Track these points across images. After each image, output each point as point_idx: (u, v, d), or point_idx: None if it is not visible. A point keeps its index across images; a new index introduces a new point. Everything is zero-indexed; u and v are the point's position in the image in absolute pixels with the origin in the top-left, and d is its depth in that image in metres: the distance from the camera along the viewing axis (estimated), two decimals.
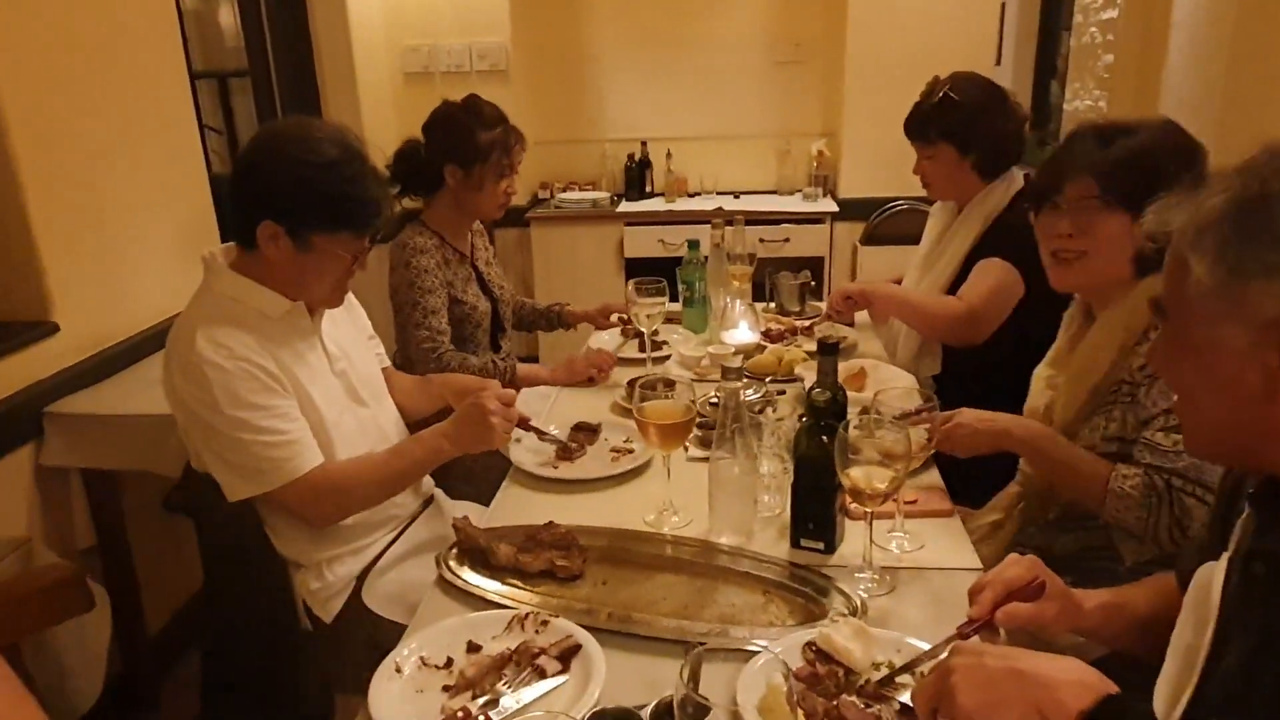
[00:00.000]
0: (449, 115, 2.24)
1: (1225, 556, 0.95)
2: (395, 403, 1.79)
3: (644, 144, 4.46)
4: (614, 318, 2.47)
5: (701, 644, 0.96)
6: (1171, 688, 0.95)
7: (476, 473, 1.92)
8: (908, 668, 1.05)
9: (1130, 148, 1.42)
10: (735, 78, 4.47)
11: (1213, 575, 0.95)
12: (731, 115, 4.51)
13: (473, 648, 1.13)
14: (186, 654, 2.43)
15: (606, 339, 2.41)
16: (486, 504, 1.63)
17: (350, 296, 1.75)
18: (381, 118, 3.98)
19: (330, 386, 1.60)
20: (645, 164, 4.47)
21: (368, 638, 1.51)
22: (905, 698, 1.01)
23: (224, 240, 2.73)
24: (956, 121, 2.16)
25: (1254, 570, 0.88)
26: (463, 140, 2.19)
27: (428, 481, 1.80)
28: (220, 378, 1.40)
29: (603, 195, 4.35)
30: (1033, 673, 0.82)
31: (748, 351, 2.15)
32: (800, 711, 0.94)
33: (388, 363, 1.88)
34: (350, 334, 1.73)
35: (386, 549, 1.65)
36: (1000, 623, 1.04)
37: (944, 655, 0.99)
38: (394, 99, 4.17)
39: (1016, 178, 2.20)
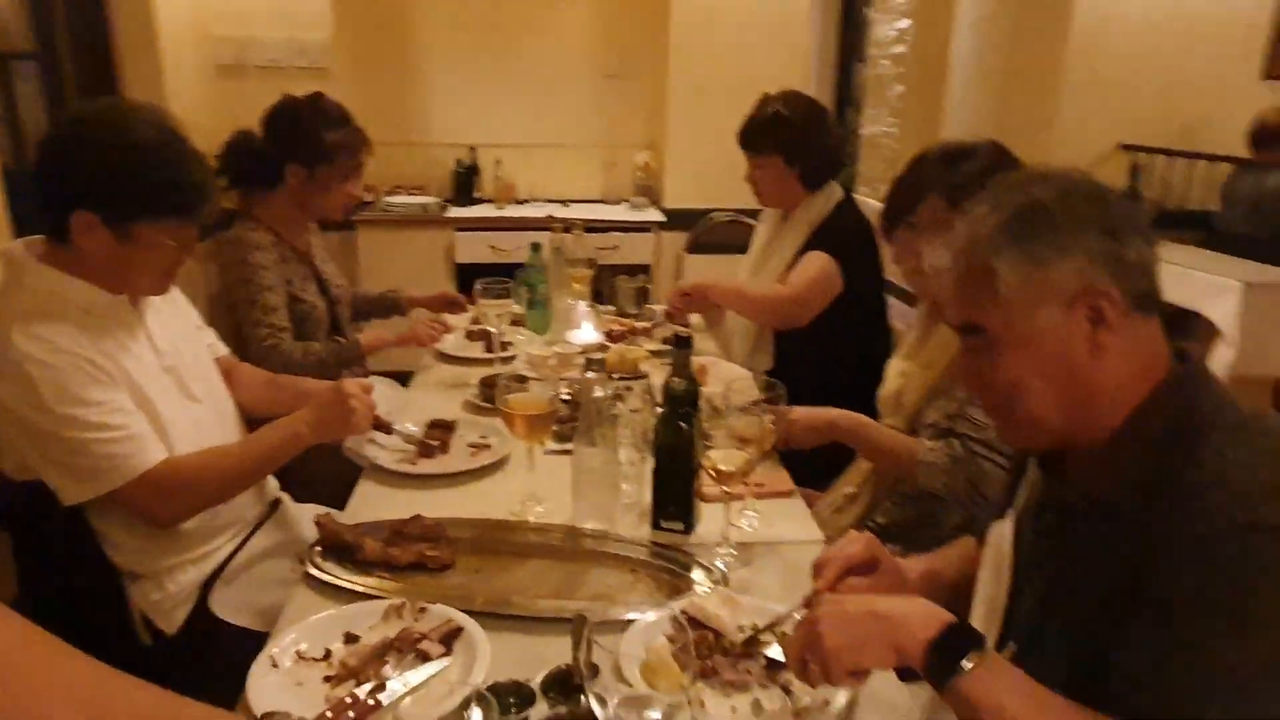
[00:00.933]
0: (293, 112, 2.17)
1: (1011, 514, 1.12)
2: (240, 398, 1.72)
3: (473, 149, 4.45)
4: (451, 320, 2.47)
5: (584, 616, 1.01)
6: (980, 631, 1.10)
7: (317, 478, 1.86)
8: (768, 628, 1.15)
9: (973, 170, 1.61)
10: (564, 88, 4.55)
11: (1003, 531, 1.12)
12: (560, 124, 4.58)
13: (350, 638, 1.13)
14: None
15: (451, 340, 2.39)
16: (335, 506, 1.60)
17: (173, 288, 1.66)
18: (189, 112, 3.73)
19: (161, 382, 1.51)
20: (474, 170, 4.46)
21: (217, 647, 1.45)
22: (770, 652, 1.11)
23: (20, 235, 2.50)
24: (786, 135, 2.34)
25: (1045, 520, 1.04)
26: (307, 139, 2.12)
27: (272, 484, 1.74)
28: (45, 374, 1.30)
29: (432, 200, 4.29)
30: (887, 612, 0.93)
31: (591, 351, 2.22)
32: (684, 665, 1.02)
33: (223, 351, 1.79)
34: (177, 327, 1.63)
35: (232, 555, 1.58)
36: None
37: (800, 615, 1.10)
38: (204, 92, 3.93)
39: (836, 189, 2.41)
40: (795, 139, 2.33)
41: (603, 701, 0.84)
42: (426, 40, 4.45)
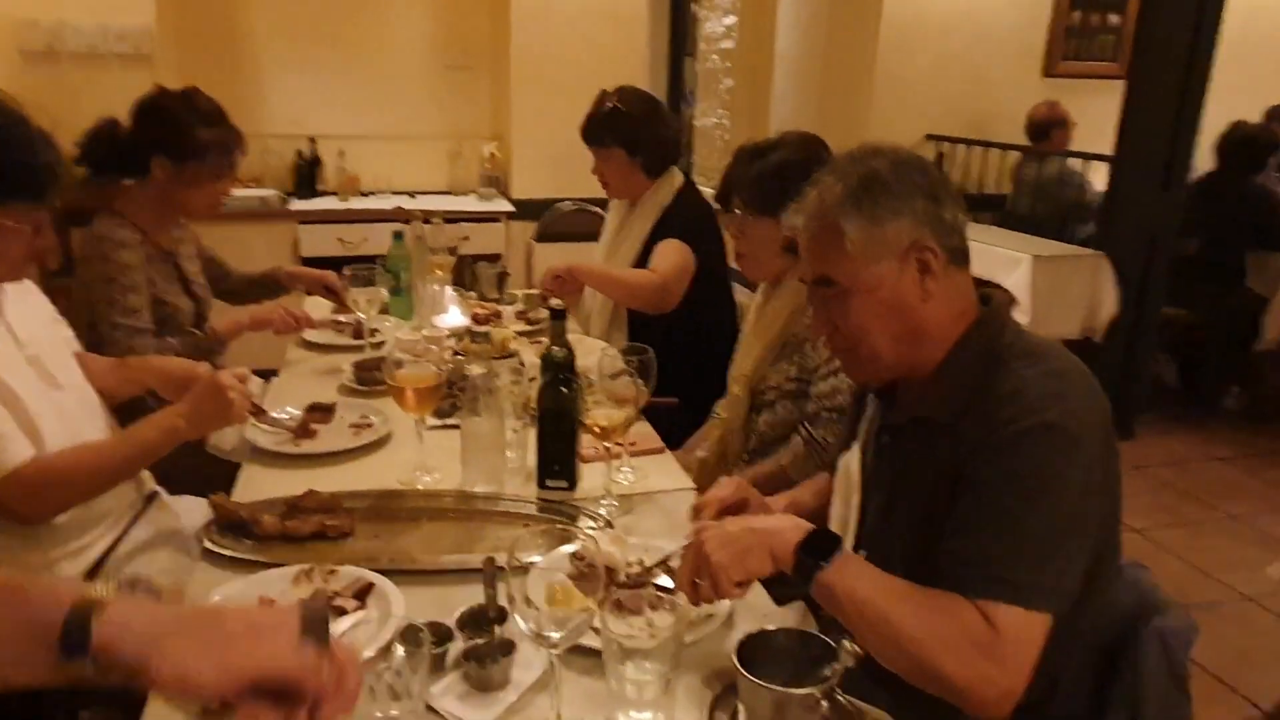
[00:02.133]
0: (163, 106, 2.09)
1: (855, 445, 1.32)
2: (94, 387, 1.68)
3: (313, 141, 4.35)
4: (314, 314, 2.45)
5: (493, 559, 1.11)
6: None
7: (183, 474, 1.83)
8: (659, 564, 1.28)
9: (765, 166, 1.80)
10: (406, 79, 4.52)
11: (850, 461, 1.31)
12: (403, 116, 4.55)
13: (266, 602, 1.18)
14: None
15: (315, 335, 2.39)
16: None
17: (26, 280, 1.61)
18: None
19: (24, 374, 1.47)
20: (315, 161, 4.36)
21: None
22: (661, 580, 1.25)
23: None
24: (625, 128, 2.48)
25: (882, 441, 1.26)
26: (178, 134, 2.05)
27: (147, 476, 1.72)
28: None
29: (270, 193, 4.17)
30: (762, 526, 1.11)
31: (459, 334, 2.29)
32: (588, 591, 1.14)
33: (78, 346, 1.74)
34: (33, 316, 1.59)
35: (111, 549, 1.56)
36: None
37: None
38: (8, 79, 3.64)
39: (677, 175, 2.58)
40: (634, 130, 2.48)
41: (527, 619, 0.95)
42: (258, 26, 4.31)
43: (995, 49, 4.82)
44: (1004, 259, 3.71)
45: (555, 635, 0.95)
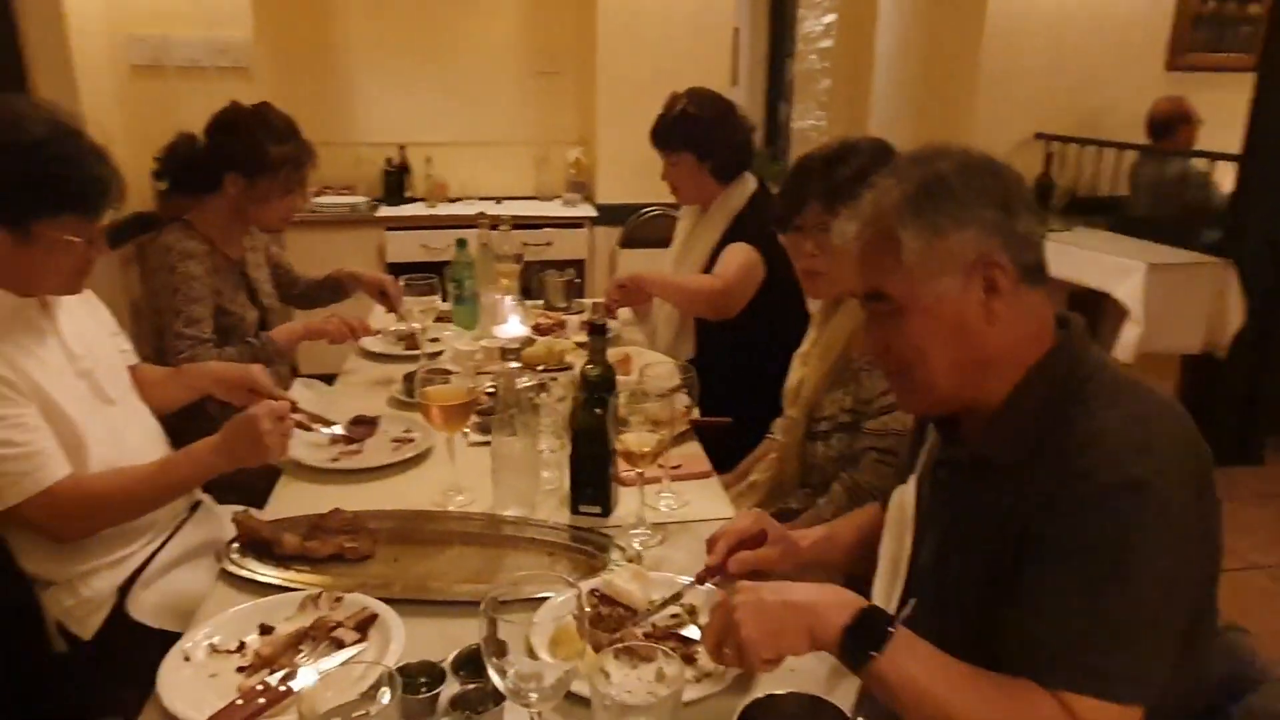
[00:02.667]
0: (237, 122, 2.13)
1: (913, 477, 1.18)
2: (148, 399, 1.70)
3: (402, 148, 4.42)
4: (373, 323, 2.45)
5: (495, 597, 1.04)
6: (884, 588, 1.17)
7: (239, 479, 1.84)
8: (668, 602, 1.18)
9: (849, 173, 1.64)
10: (494, 86, 4.54)
11: (905, 494, 1.18)
12: (491, 122, 4.58)
13: (265, 629, 1.14)
14: None
15: (376, 338, 2.39)
16: (256, 507, 1.60)
17: (89, 292, 1.63)
18: (105, 115, 3.64)
19: (74, 388, 1.48)
20: (404, 169, 4.43)
21: (136, 651, 1.43)
22: (687, 632, 1.15)
23: None
24: (694, 132, 2.39)
25: (940, 476, 1.12)
26: (250, 150, 2.08)
27: None
28: None
29: (360, 200, 4.26)
30: (802, 602, 0.97)
31: (520, 344, 2.24)
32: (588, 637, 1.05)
33: (135, 360, 1.77)
34: (92, 330, 1.61)
35: (152, 558, 1.57)
36: (732, 569, 1.22)
37: (718, 595, 1.15)
38: (119, 93, 3.83)
39: (750, 180, 2.46)
40: (704, 134, 2.38)
41: (502, 673, 0.87)
42: (351, 38, 4.41)
43: (1112, 41, 4.48)
44: (1115, 267, 3.44)
45: (533, 695, 0.87)
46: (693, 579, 1.22)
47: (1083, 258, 3.63)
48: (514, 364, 1.43)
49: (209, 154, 2.13)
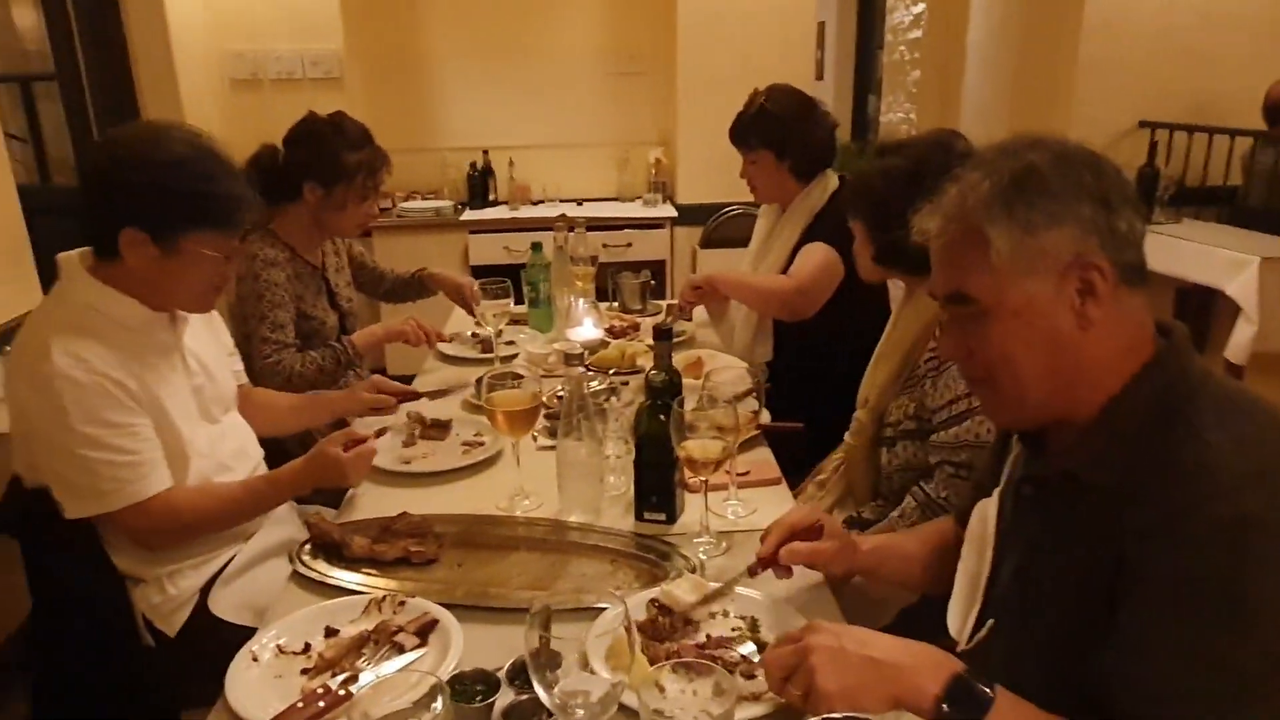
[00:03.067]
0: (314, 131, 2.19)
1: (996, 491, 1.11)
2: (262, 422, 1.78)
3: (485, 152, 4.49)
4: (447, 330, 2.50)
5: (547, 606, 1.03)
6: (962, 608, 1.10)
7: None
8: (717, 594, 1.18)
9: (888, 165, 1.58)
10: (574, 88, 4.58)
11: (987, 509, 1.11)
12: (572, 124, 4.61)
13: (330, 632, 1.16)
14: (13, 691, 2.27)
15: (449, 348, 2.42)
16: (333, 507, 1.64)
17: (214, 315, 1.72)
18: (205, 124, 3.81)
19: (187, 403, 1.56)
20: (488, 172, 4.50)
21: (217, 647, 1.49)
22: (745, 650, 1.11)
23: (39, 249, 2.59)
24: (774, 129, 2.34)
25: (1024, 492, 1.04)
26: (327, 159, 2.14)
27: None
28: (75, 392, 1.35)
29: (446, 204, 4.35)
30: (888, 661, 0.89)
31: (592, 347, 2.24)
32: (640, 650, 1.03)
33: (245, 379, 1.85)
34: (211, 349, 1.69)
35: (233, 558, 1.62)
36: (783, 559, 1.18)
37: (788, 618, 1.10)
38: (219, 106, 4.01)
39: (831, 178, 2.40)
40: (783, 132, 2.33)
41: (549, 687, 0.86)
42: (436, 46, 4.50)
43: (1224, 21, 4.20)
44: (1227, 261, 3.22)
45: (579, 711, 0.85)
46: (741, 574, 1.20)
47: (1191, 251, 3.42)
48: (578, 369, 1.42)
49: (288, 164, 2.20)
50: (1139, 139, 4.08)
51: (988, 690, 0.86)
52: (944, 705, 0.85)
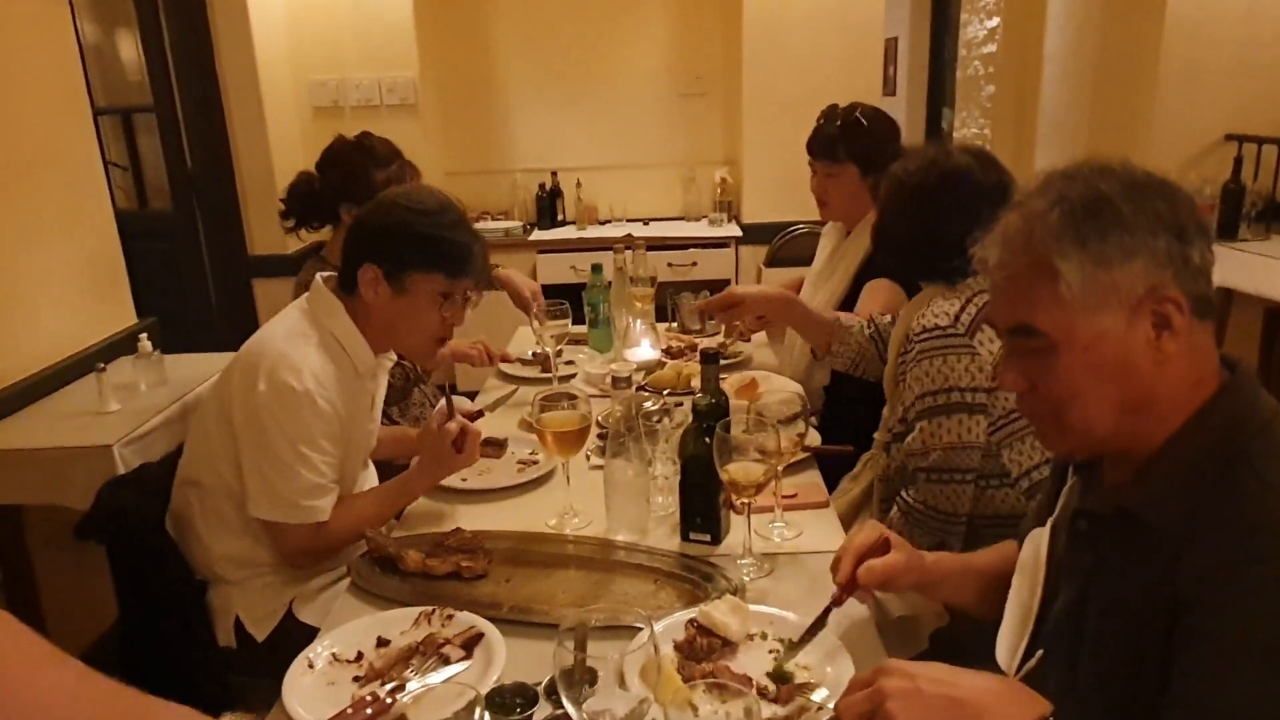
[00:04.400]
0: (342, 154, 2.28)
1: (1050, 521, 1.10)
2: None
3: (554, 174, 4.59)
4: (512, 350, 2.56)
5: (583, 621, 1.06)
6: (1012, 639, 1.09)
7: None
8: (809, 635, 1.15)
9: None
10: (641, 109, 4.65)
11: (1040, 540, 1.10)
12: (638, 145, 4.68)
13: (382, 642, 1.21)
14: None
15: (509, 366, 2.49)
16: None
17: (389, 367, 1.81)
18: (290, 152, 4.01)
19: (363, 445, 1.71)
20: (556, 193, 4.60)
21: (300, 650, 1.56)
22: (817, 697, 1.08)
23: (131, 280, 2.75)
24: (866, 144, 2.32)
25: (1078, 526, 1.02)
26: (357, 179, 2.22)
27: None
28: (312, 415, 1.49)
29: (515, 224, 4.45)
30: (971, 700, 0.84)
31: (649, 368, 2.27)
32: (674, 669, 1.05)
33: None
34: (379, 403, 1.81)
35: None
36: (862, 581, 1.16)
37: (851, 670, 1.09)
38: (302, 133, 4.20)
39: None
40: (874, 148, 2.30)
41: (577, 703, 0.89)
42: (506, 72, 4.63)
43: None
44: None
45: None
46: (827, 606, 1.18)
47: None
48: (627, 391, 1.46)
49: (323, 189, 2.29)
50: (1225, 153, 3.93)
51: None
52: None
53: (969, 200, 1.50)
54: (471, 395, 2.38)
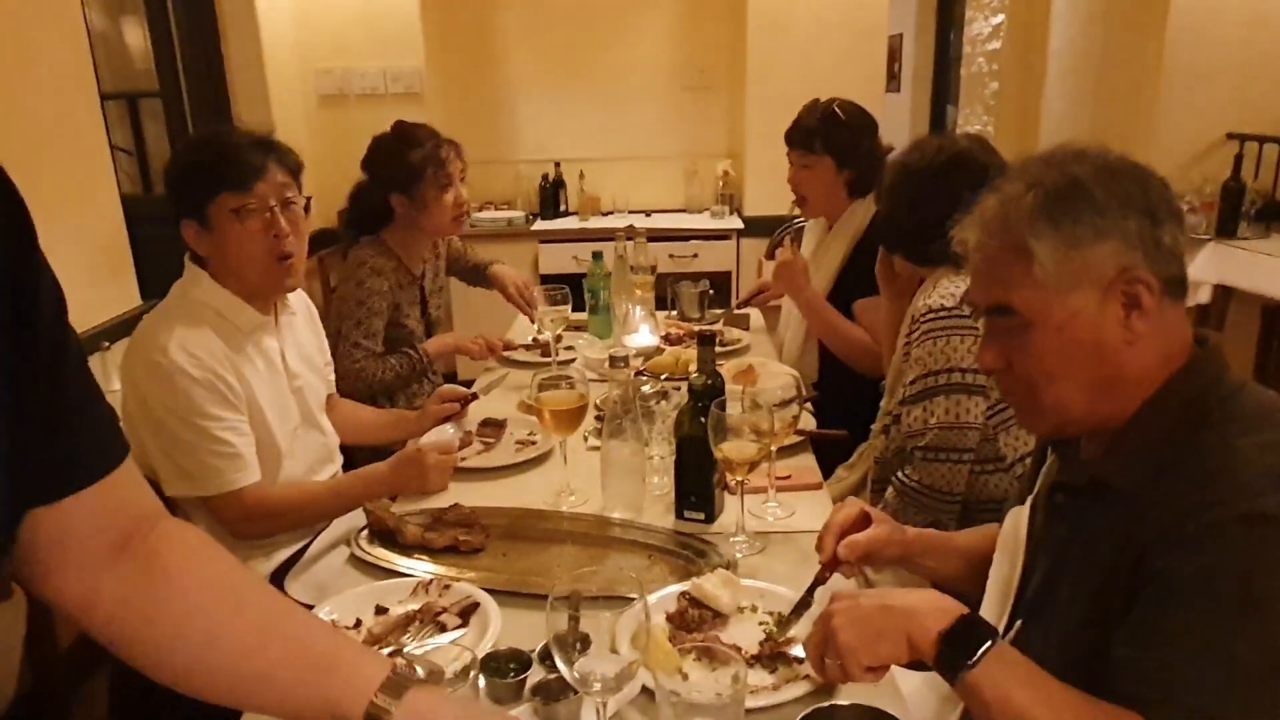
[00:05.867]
0: (380, 147, 2.33)
1: (1029, 500, 1.13)
2: (351, 429, 1.92)
3: (557, 165, 4.61)
4: (512, 337, 2.58)
5: (578, 590, 1.08)
6: (993, 614, 1.12)
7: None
8: (796, 611, 1.17)
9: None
10: (644, 101, 4.66)
11: (1019, 517, 1.13)
12: (641, 137, 4.70)
13: (380, 610, 1.24)
14: (98, 670, 2.43)
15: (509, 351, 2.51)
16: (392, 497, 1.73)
17: (317, 322, 1.85)
18: (295, 140, 4.00)
19: (285, 405, 1.69)
20: (559, 184, 4.61)
21: None
22: (797, 650, 1.12)
23: (136, 263, 2.78)
24: (841, 137, 2.34)
25: (1056, 500, 1.06)
26: (397, 166, 2.27)
27: None
28: (187, 385, 1.49)
29: (518, 214, 4.47)
30: (900, 606, 0.93)
31: (648, 354, 2.30)
32: (666, 638, 1.08)
33: (334, 390, 1.97)
34: (313, 356, 1.83)
35: (306, 546, 1.72)
36: (843, 555, 1.19)
37: (815, 599, 1.14)
38: (308, 121, 4.22)
39: (871, 203, 2.40)
40: (850, 142, 2.33)
41: (569, 662, 0.91)
42: (512, 62, 4.64)
43: None
44: None
45: (596, 685, 0.91)
46: (812, 583, 1.20)
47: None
48: (624, 372, 1.48)
49: (372, 186, 2.32)
50: (1226, 151, 3.94)
51: (989, 638, 0.88)
52: (944, 643, 0.89)
53: (978, 180, 1.52)
54: (469, 384, 2.40)
